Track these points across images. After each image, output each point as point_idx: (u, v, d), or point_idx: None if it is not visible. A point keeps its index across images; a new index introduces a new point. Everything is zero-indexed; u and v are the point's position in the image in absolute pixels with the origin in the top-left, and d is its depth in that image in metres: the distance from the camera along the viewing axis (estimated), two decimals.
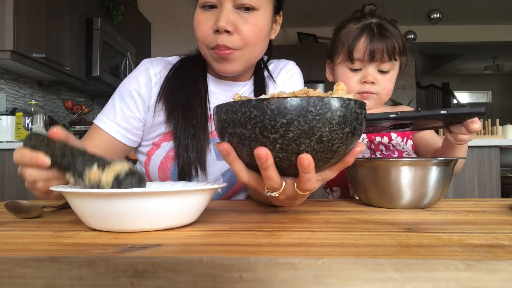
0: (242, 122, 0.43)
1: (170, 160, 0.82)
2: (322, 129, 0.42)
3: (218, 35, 0.74)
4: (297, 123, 0.41)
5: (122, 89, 0.85)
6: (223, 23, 0.73)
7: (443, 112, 0.67)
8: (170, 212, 0.45)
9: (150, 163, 0.84)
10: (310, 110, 0.41)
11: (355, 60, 0.90)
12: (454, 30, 6.23)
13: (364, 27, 0.91)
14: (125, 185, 0.48)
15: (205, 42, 0.77)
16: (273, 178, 0.46)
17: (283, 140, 0.42)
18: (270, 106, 0.41)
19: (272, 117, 0.41)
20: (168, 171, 0.82)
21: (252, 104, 0.42)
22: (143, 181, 0.51)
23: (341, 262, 0.28)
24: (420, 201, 0.63)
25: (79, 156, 0.50)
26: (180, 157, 0.79)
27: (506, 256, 0.33)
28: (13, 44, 2.12)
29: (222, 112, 0.45)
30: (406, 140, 1.00)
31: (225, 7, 0.74)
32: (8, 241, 0.41)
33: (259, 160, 0.43)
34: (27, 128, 2.26)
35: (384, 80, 0.91)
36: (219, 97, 0.87)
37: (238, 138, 0.45)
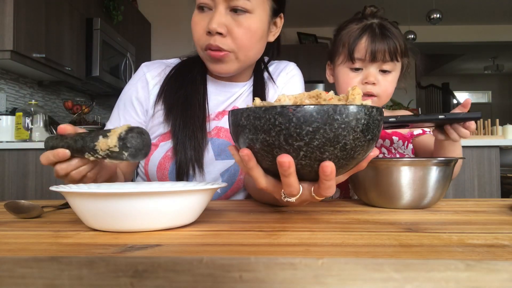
0: (265, 129, 0.42)
1: (168, 160, 0.82)
2: (347, 137, 0.41)
3: (211, 36, 0.75)
4: (323, 131, 0.41)
5: (123, 97, 0.88)
6: (214, 25, 0.73)
7: (441, 116, 0.69)
8: (170, 212, 0.45)
9: (149, 164, 0.85)
10: (336, 118, 0.40)
11: (356, 60, 0.90)
12: (454, 30, 6.23)
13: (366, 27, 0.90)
14: (129, 141, 0.54)
15: (199, 43, 0.78)
16: (293, 185, 0.45)
17: (308, 148, 0.42)
18: (296, 113, 0.40)
19: (298, 125, 0.40)
20: (166, 171, 0.82)
21: (277, 111, 0.41)
22: (144, 133, 0.56)
23: (341, 262, 0.28)
24: (420, 201, 0.63)
25: (87, 137, 0.57)
26: (177, 155, 0.80)
27: (506, 256, 0.33)
28: (13, 44, 2.12)
29: (242, 117, 0.44)
30: (407, 144, 1.00)
31: (218, 9, 0.74)
32: (8, 241, 0.41)
33: (281, 167, 0.43)
34: (27, 128, 2.26)
35: (385, 82, 0.90)
36: (218, 97, 0.87)
37: (260, 144, 0.43)
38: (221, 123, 0.86)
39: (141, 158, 0.56)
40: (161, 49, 4.34)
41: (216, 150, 0.84)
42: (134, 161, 0.56)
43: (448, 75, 9.20)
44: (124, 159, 0.55)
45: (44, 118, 2.34)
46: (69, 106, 2.95)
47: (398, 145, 0.98)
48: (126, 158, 0.54)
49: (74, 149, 0.58)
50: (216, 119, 0.86)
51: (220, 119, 0.86)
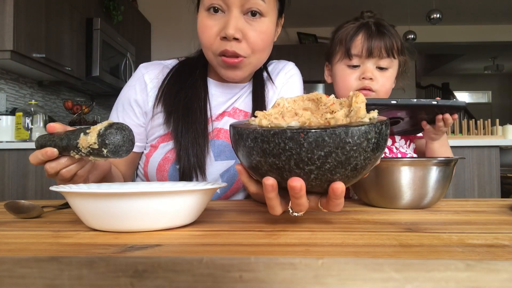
0: (275, 153, 0.41)
1: (168, 162, 0.82)
2: (358, 158, 0.41)
3: (226, 41, 0.73)
4: (335, 155, 0.40)
5: (122, 98, 0.87)
6: (232, 30, 0.71)
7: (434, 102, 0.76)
8: (170, 212, 0.45)
9: (148, 165, 0.85)
10: (348, 141, 0.39)
11: (353, 56, 0.90)
12: (454, 30, 6.23)
13: (362, 25, 0.92)
14: (107, 137, 0.53)
15: (211, 48, 0.75)
16: (303, 204, 0.45)
17: (319, 171, 0.41)
18: (308, 138, 0.39)
19: (310, 150, 0.39)
20: (165, 172, 0.82)
21: (287, 136, 0.39)
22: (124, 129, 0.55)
23: (341, 262, 0.28)
24: (420, 201, 0.63)
25: (71, 135, 0.56)
26: (181, 161, 0.79)
27: (506, 256, 0.33)
28: (13, 44, 2.12)
29: (249, 139, 0.43)
30: (409, 144, 1.00)
31: (233, 13, 0.71)
32: (8, 241, 0.41)
33: (293, 190, 0.42)
34: (27, 128, 2.26)
35: (383, 78, 0.91)
36: (219, 99, 0.87)
37: (268, 166, 0.42)
38: (221, 124, 0.86)
39: (123, 154, 0.55)
40: (161, 49, 4.34)
41: (215, 151, 0.84)
42: (116, 157, 0.54)
43: (448, 75, 9.20)
44: (104, 156, 0.53)
45: (44, 118, 2.34)
46: (69, 106, 2.95)
47: (400, 144, 0.99)
48: (106, 155, 0.53)
49: (60, 148, 0.57)
50: (216, 120, 0.86)
51: (220, 120, 0.86)
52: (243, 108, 0.88)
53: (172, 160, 0.82)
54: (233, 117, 0.87)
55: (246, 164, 0.46)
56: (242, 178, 0.48)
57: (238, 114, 0.87)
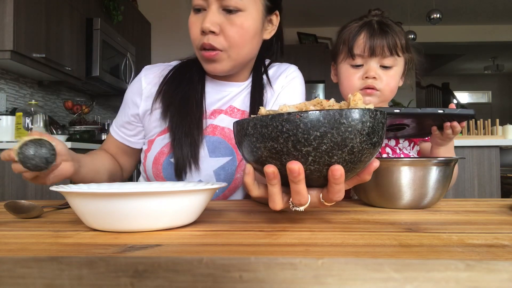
0: (273, 136, 0.42)
1: (162, 155, 0.84)
2: (354, 140, 0.42)
3: (205, 35, 0.77)
4: (331, 135, 0.41)
5: (125, 97, 0.94)
6: (207, 24, 0.76)
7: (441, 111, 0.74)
8: (170, 212, 0.45)
9: (146, 160, 0.87)
10: (343, 122, 0.41)
11: (356, 56, 0.90)
12: (454, 30, 6.23)
13: (364, 23, 0.92)
14: (23, 147, 0.59)
15: (195, 43, 0.80)
16: (302, 193, 0.45)
17: (316, 153, 0.42)
18: (303, 119, 0.41)
19: (306, 130, 0.41)
20: (160, 165, 0.84)
21: (284, 118, 0.41)
22: (40, 144, 0.61)
23: (341, 262, 0.28)
24: (420, 201, 0.63)
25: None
26: (174, 152, 0.82)
27: (506, 256, 0.33)
28: (13, 44, 2.12)
29: (249, 126, 0.44)
30: (413, 146, 0.99)
31: (211, 9, 0.77)
32: (8, 241, 0.41)
33: (291, 174, 0.43)
34: (27, 128, 2.26)
35: (387, 76, 0.91)
36: (215, 96, 0.89)
37: (268, 152, 0.44)
38: (216, 121, 0.87)
39: (31, 167, 0.60)
40: (161, 49, 4.34)
41: (210, 147, 0.85)
42: (28, 169, 0.60)
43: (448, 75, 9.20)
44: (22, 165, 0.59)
45: (44, 118, 2.34)
46: (69, 106, 2.95)
47: (404, 145, 0.98)
48: (21, 163, 0.59)
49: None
50: (211, 117, 0.87)
51: (216, 117, 0.87)
52: (240, 107, 0.88)
53: (167, 154, 0.84)
54: (230, 116, 0.87)
55: (248, 154, 0.47)
56: (246, 180, 0.48)
57: (236, 113, 0.88)
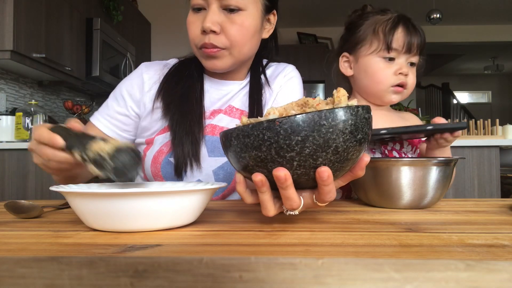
0: (256, 145, 0.42)
1: (161, 154, 0.84)
2: (337, 140, 0.42)
3: (205, 35, 0.77)
4: (312, 138, 0.41)
5: (116, 90, 0.90)
6: (208, 24, 0.76)
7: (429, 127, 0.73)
8: (170, 212, 0.45)
9: (145, 159, 0.87)
10: (323, 123, 0.41)
11: (393, 49, 0.88)
12: (454, 30, 6.23)
13: (398, 18, 0.90)
14: (122, 154, 0.50)
15: (194, 42, 0.80)
16: (292, 198, 0.45)
17: (300, 157, 0.42)
18: (283, 125, 0.41)
19: (287, 136, 0.41)
20: (159, 164, 0.83)
21: (263, 126, 0.41)
22: (139, 158, 0.53)
23: (341, 262, 0.28)
24: (420, 201, 0.63)
25: (85, 136, 0.54)
26: (175, 150, 0.81)
27: (506, 256, 0.33)
28: (13, 44, 2.12)
29: (232, 137, 0.45)
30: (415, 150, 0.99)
31: (211, 8, 0.77)
32: (8, 241, 0.41)
33: (278, 181, 0.43)
34: (27, 128, 2.26)
35: (413, 75, 0.91)
36: (213, 95, 0.89)
37: (253, 161, 0.44)
38: (215, 121, 0.87)
39: (123, 178, 0.51)
40: (161, 49, 4.34)
41: (209, 147, 0.85)
42: (112, 178, 0.51)
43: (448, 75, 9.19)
44: (107, 169, 0.50)
45: (44, 118, 2.34)
46: (69, 106, 2.95)
47: (407, 150, 0.98)
48: (109, 170, 0.50)
49: (68, 142, 0.54)
50: (211, 117, 0.87)
51: (215, 117, 0.87)
52: (239, 107, 0.89)
53: (166, 153, 0.83)
54: (229, 115, 0.87)
55: (235, 164, 0.47)
56: (238, 189, 0.48)
57: (235, 113, 0.88)
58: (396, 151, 0.97)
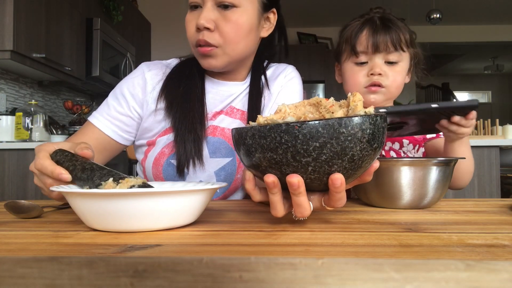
0: (272, 147, 0.42)
1: (163, 156, 0.83)
2: (354, 148, 0.41)
3: (200, 32, 0.78)
4: (330, 145, 0.40)
5: (116, 89, 0.88)
6: (202, 20, 0.76)
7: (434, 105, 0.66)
8: (170, 212, 0.45)
9: (146, 160, 0.86)
10: (342, 131, 0.40)
11: (360, 53, 0.89)
12: (454, 30, 6.23)
13: (366, 20, 0.90)
14: None
15: (191, 40, 0.80)
16: (303, 206, 0.45)
17: (316, 163, 0.42)
18: (302, 130, 0.40)
19: (305, 141, 0.40)
20: (160, 166, 0.83)
21: (282, 129, 0.41)
22: None
23: (341, 262, 0.28)
24: (420, 201, 0.63)
25: (97, 171, 0.52)
26: (177, 149, 0.81)
27: (506, 256, 0.33)
28: (13, 44, 2.12)
29: (247, 136, 0.44)
30: (418, 148, 0.98)
31: (206, 6, 0.77)
32: (8, 241, 0.41)
33: (291, 187, 0.43)
34: (27, 128, 2.26)
35: (393, 72, 0.89)
36: (215, 97, 0.88)
37: (267, 162, 0.43)
38: (216, 122, 0.87)
39: None
40: (161, 49, 4.34)
41: (211, 148, 0.85)
42: None
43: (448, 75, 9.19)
44: None
45: (44, 118, 2.34)
46: (69, 106, 2.95)
47: (408, 148, 0.97)
48: None
49: (77, 176, 0.54)
50: (212, 118, 0.87)
51: (216, 117, 0.87)
52: (240, 108, 0.89)
53: (168, 155, 0.83)
54: (230, 116, 0.87)
55: (247, 162, 0.47)
56: (248, 186, 0.48)
57: (235, 113, 0.88)
58: (395, 151, 0.97)
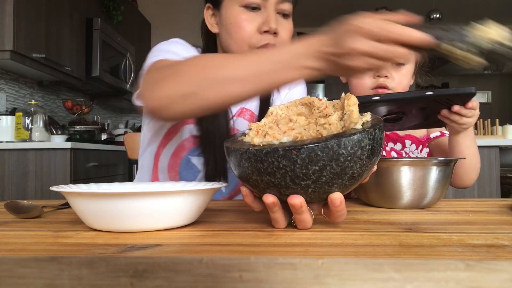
0: (269, 171, 0.41)
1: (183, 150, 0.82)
2: (354, 167, 0.41)
3: (265, 35, 0.77)
4: (330, 167, 0.40)
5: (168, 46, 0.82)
6: (274, 25, 0.76)
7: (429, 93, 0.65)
8: (170, 212, 0.45)
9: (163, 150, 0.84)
10: (342, 152, 0.39)
11: None
12: None
13: None
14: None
15: (250, 41, 0.78)
16: (307, 221, 0.45)
17: (316, 185, 0.41)
18: (300, 155, 0.39)
19: (304, 166, 0.39)
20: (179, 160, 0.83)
21: (279, 153, 0.39)
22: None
23: (341, 262, 0.28)
24: (420, 201, 0.63)
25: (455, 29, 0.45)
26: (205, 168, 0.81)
27: (506, 256, 0.33)
28: (13, 44, 2.12)
29: (242, 159, 0.43)
30: (422, 148, 0.97)
31: (271, 10, 0.77)
32: (8, 241, 0.41)
33: (293, 208, 0.42)
34: (27, 128, 2.26)
35: (399, 75, 0.88)
36: None
37: (265, 184, 0.43)
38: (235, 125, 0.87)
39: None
40: None
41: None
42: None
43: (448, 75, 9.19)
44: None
45: (44, 118, 2.34)
46: (69, 106, 2.95)
47: (411, 149, 0.97)
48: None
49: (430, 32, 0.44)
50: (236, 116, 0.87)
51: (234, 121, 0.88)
52: (249, 108, 0.89)
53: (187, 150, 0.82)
54: (240, 116, 0.88)
55: (243, 181, 0.46)
56: (247, 200, 0.48)
57: (245, 113, 0.89)
58: (396, 152, 0.97)
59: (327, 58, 0.47)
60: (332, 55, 0.46)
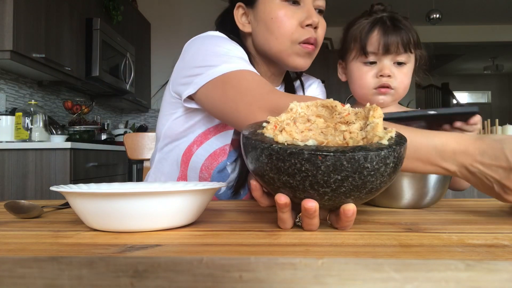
0: (289, 172, 0.40)
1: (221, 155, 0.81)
2: (375, 182, 0.40)
3: (307, 29, 0.78)
4: (352, 179, 0.39)
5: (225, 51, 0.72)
6: (316, 19, 0.78)
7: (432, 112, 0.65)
8: (170, 212, 0.45)
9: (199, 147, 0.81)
10: (367, 166, 0.39)
11: (369, 53, 0.87)
12: (454, 30, 6.23)
13: (376, 20, 0.89)
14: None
15: (292, 36, 0.78)
16: (315, 225, 0.44)
17: (334, 194, 0.40)
18: (326, 162, 0.38)
19: (326, 173, 0.38)
20: (216, 163, 0.81)
21: (304, 157, 0.38)
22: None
23: (341, 262, 0.28)
24: (420, 201, 0.63)
25: None
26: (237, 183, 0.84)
27: (506, 256, 0.33)
28: (13, 44, 2.12)
29: (263, 154, 0.41)
30: None
31: (310, 5, 0.79)
32: (8, 241, 0.41)
33: (306, 211, 0.42)
34: (27, 128, 2.26)
35: (401, 74, 0.88)
36: None
37: (281, 184, 0.42)
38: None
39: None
40: (161, 49, 4.34)
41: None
42: None
43: (448, 75, 9.19)
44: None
45: (44, 118, 2.34)
46: (68, 106, 2.95)
47: None
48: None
49: None
50: None
51: None
52: None
53: (226, 156, 0.80)
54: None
55: (257, 176, 0.45)
56: (255, 194, 0.47)
57: None
58: None
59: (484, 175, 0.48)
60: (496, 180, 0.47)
